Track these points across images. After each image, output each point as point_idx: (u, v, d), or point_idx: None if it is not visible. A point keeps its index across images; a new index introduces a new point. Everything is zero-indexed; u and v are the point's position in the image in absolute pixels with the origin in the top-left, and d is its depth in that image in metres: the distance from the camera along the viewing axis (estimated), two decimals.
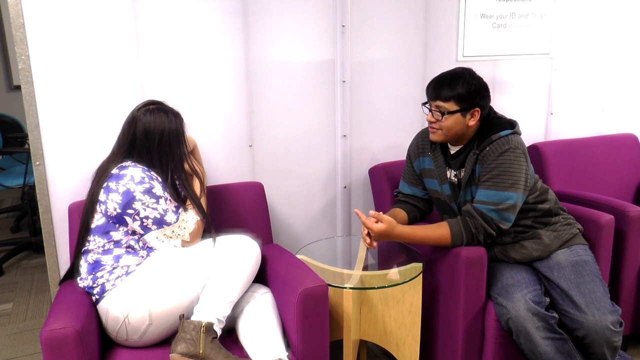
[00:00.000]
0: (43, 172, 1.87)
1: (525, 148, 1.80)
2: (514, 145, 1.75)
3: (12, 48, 5.00)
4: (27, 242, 3.60)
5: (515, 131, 1.80)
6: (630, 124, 2.90)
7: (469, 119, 1.79)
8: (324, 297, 1.59)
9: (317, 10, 2.17)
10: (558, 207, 1.94)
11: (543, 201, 1.89)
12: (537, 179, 1.93)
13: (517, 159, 1.74)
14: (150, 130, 1.64)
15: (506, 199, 1.73)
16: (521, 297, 1.70)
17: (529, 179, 1.80)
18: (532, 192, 1.86)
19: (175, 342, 1.48)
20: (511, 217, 1.77)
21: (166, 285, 1.56)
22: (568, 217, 1.95)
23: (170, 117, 1.68)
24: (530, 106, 2.67)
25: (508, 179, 1.73)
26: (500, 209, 1.74)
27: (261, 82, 2.14)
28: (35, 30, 1.78)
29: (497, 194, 1.74)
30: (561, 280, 1.76)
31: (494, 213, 1.74)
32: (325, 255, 2.06)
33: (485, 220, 1.75)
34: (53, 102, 1.85)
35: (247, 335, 1.60)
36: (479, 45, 2.49)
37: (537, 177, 1.93)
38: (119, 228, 1.61)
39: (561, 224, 1.90)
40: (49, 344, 1.37)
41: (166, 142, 1.66)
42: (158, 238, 1.62)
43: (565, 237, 1.88)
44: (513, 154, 1.74)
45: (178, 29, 1.97)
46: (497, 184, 1.74)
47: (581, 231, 1.95)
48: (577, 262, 1.81)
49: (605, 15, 2.73)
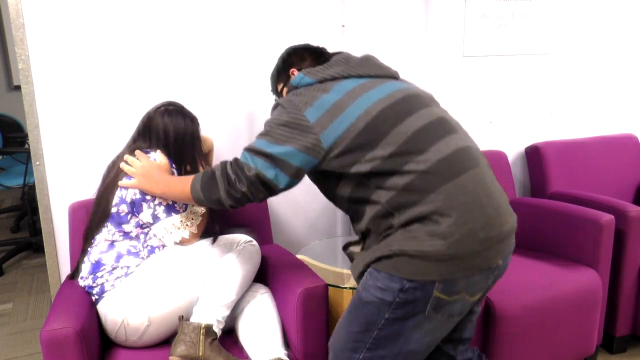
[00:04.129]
0: (43, 172, 1.87)
1: (299, 100, 1.33)
2: (282, 100, 1.37)
3: (12, 48, 5.00)
4: (27, 242, 3.60)
5: (298, 83, 1.38)
6: (630, 124, 2.90)
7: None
8: (324, 297, 1.59)
9: (317, 10, 2.17)
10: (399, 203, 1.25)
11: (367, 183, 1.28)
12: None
13: (274, 113, 1.37)
14: (168, 130, 1.65)
15: (253, 142, 1.37)
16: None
17: (286, 129, 1.31)
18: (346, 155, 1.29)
19: (175, 344, 1.48)
20: (258, 163, 1.32)
21: (165, 287, 1.56)
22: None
23: (187, 120, 1.69)
24: (530, 106, 2.67)
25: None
26: (248, 148, 1.36)
27: (261, 82, 2.14)
28: (35, 30, 1.79)
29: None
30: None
31: (244, 153, 1.37)
32: (325, 255, 2.06)
33: (231, 161, 1.38)
34: (53, 102, 1.85)
35: (246, 336, 1.60)
36: (479, 45, 2.49)
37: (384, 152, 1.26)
38: (130, 220, 1.61)
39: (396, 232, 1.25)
40: (48, 344, 1.37)
41: (181, 144, 1.67)
42: (166, 229, 1.61)
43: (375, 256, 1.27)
44: (274, 110, 1.38)
45: (179, 29, 1.97)
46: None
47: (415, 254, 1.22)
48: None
49: (605, 15, 2.73)
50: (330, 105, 1.30)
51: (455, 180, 1.23)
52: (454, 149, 1.27)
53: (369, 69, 1.39)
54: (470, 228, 1.20)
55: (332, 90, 1.32)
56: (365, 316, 1.29)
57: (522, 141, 2.67)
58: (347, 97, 1.31)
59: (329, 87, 1.33)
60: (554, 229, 2.21)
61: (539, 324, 1.89)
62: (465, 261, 1.21)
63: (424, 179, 1.22)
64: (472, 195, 1.23)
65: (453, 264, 1.20)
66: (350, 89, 1.32)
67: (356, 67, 1.38)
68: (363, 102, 1.29)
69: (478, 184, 1.25)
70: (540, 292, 1.91)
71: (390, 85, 1.35)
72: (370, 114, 1.28)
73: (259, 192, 1.34)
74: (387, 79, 1.39)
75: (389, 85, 1.35)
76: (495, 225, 1.24)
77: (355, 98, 1.30)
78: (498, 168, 2.48)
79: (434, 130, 1.28)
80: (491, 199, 1.25)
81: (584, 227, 2.05)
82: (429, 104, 1.35)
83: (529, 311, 1.87)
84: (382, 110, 1.28)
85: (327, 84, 1.34)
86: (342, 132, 1.27)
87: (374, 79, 1.36)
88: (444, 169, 1.23)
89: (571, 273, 2.02)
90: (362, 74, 1.36)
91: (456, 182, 1.23)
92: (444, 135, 1.28)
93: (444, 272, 1.20)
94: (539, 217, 2.28)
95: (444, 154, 1.25)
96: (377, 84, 1.35)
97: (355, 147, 1.27)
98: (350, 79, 1.36)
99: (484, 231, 1.21)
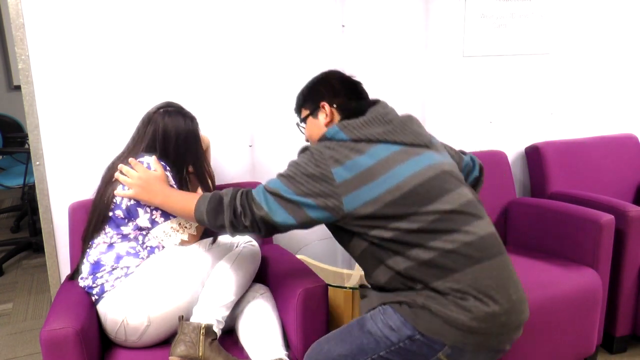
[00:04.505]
0: (43, 172, 1.87)
1: (330, 154, 1.31)
2: (314, 148, 1.35)
3: (12, 48, 5.00)
4: (27, 242, 3.60)
5: (333, 137, 1.36)
6: (630, 124, 2.90)
7: (323, 117, 1.47)
8: (324, 297, 1.59)
9: (317, 10, 2.17)
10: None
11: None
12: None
13: (301, 158, 1.36)
14: (168, 131, 1.65)
15: (272, 180, 1.38)
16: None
17: (309, 181, 1.30)
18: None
19: (175, 344, 1.48)
20: (271, 204, 1.32)
21: (164, 287, 1.56)
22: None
23: (187, 120, 1.69)
24: (530, 106, 2.67)
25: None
26: (266, 187, 1.35)
27: (261, 82, 2.14)
28: (35, 30, 1.78)
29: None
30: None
31: (258, 189, 1.37)
32: (325, 255, 2.06)
33: (243, 191, 1.38)
34: (53, 102, 1.85)
35: (246, 336, 1.60)
36: (479, 45, 2.49)
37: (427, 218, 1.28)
38: (128, 223, 1.61)
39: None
40: (48, 344, 1.37)
41: (182, 144, 1.67)
42: (165, 232, 1.62)
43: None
44: (302, 154, 1.37)
45: (178, 29, 1.97)
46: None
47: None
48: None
49: (605, 15, 2.73)
50: (362, 170, 1.28)
51: (482, 264, 1.25)
52: (482, 234, 1.29)
53: (406, 135, 1.36)
54: (495, 310, 1.22)
55: (366, 153, 1.30)
56: (360, 343, 1.29)
57: (522, 141, 2.67)
58: (380, 165, 1.29)
59: (364, 149, 1.31)
60: (554, 229, 2.20)
61: (539, 324, 1.89)
62: (481, 337, 1.23)
63: (450, 258, 1.24)
64: (499, 280, 1.26)
65: (469, 335, 1.22)
66: (384, 157, 1.30)
67: (394, 132, 1.35)
68: (395, 175, 1.28)
69: (504, 271, 1.28)
70: (540, 292, 1.91)
71: (424, 158, 1.34)
72: (401, 189, 1.27)
73: (261, 229, 1.35)
74: (422, 148, 1.36)
75: (423, 159, 1.33)
76: (516, 313, 1.27)
77: (388, 169, 1.29)
78: (498, 168, 2.48)
79: (463, 213, 1.29)
80: (517, 288, 1.29)
81: (584, 227, 2.05)
82: (459, 184, 1.35)
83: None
84: (414, 189, 1.28)
85: (362, 145, 1.32)
86: (368, 200, 1.27)
87: (409, 148, 1.34)
88: (471, 252, 1.25)
89: (571, 273, 2.02)
90: (398, 140, 1.34)
91: (483, 266, 1.25)
92: (471, 221, 1.29)
93: (457, 340, 1.22)
94: (539, 217, 2.28)
95: (472, 237, 1.27)
96: (411, 154, 1.33)
97: (379, 216, 1.27)
98: (386, 143, 1.33)
99: (506, 316, 1.24)
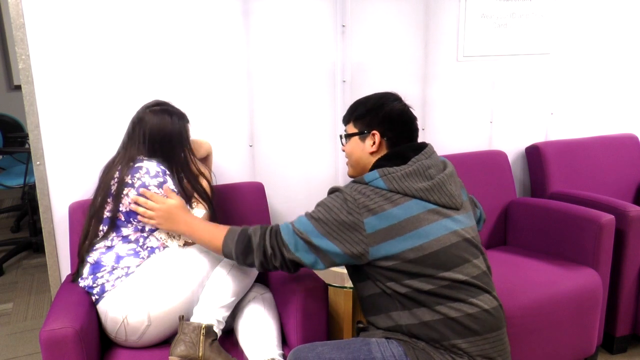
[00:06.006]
0: (43, 171, 1.87)
1: (364, 203, 1.34)
2: (347, 192, 1.37)
3: (12, 48, 5.00)
4: (27, 242, 3.60)
5: (370, 182, 1.38)
6: (630, 124, 2.90)
7: (370, 144, 1.48)
8: (324, 297, 1.59)
9: (317, 10, 2.17)
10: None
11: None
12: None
13: (333, 201, 1.38)
14: (153, 131, 1.64)
15: (302, 221, 1.42)
16: None
17: (340, 227, 1.34)
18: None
19: (175, 344, 1.48)
20: (300, 247, 1.38)
21: (165, 287, 1.56)
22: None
23: (174, 118, 1.67)
24: (530, 106, 2.67)
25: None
26: (295, 228, 1.40)
27: (261, 82, 2.14)
28: (35, 30, 1.78)
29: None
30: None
31: (288, 230, 1.41)
32: None
33: (272, 230, 1.43)
34: (53, 102, 1.85)
35: (244, 336, 1.60)
36: (479, 45, 2.49)
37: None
38: (128, 225, 1.61)
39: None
40: (48, 344, 1.37)
41: (168, 144, 1.66)
42: (169, 234, 1.62)
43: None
44: (335, 197, 1.40)
45: (178, 29, 1.97)
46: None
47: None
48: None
49: (605, 15, 2.73)
50: (392, 223, 1.34)
51: (484, 336, 1.35)
52: (487, 308, 1.36)
53: (442, 196, 1.39)
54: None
55: (400, 206, 1.35)
56: (357, 356, 1.34)
57: (522, 141, 2.67)
58: (410, 222, 1.34)
59: (399, 202, 1.35)
60: (554, 229, 2.20)
61: (539, 324, 1.89)
62: None
63: (450, 325, 1.33)
64: (495, 352, 1.36)
65: None
66: (415, 214, 1.35)
67: (431, 191, 1.38)
68: (421, 234, 1.34)
69: (502, 344, 1.39)
70: (540, 292, 1.91)
71: (452, 223, 1.39)
72: (424, 250, 1.34)
73: (290, 269, 1.43)
74: (453, 210, 1.41)
75: (451, 223, 1.39)
76: None
77: (417, 227, 1.34)
78: (498, 168, 2.48)
79: (473, 286, 1.36)
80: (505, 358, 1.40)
81: (584, 227, 2.05)
82: (477, 254, 1.42)
83: (529, 311, 1.87)
84: (435, 253, 1.34)
85: (398, 197, 1.36)
86: (390, 254, 1.34)
87: (441, 209, 1.38)
88: (472, 324, 1.34)
89: (571, 273, 2.01)
90: (432, 200, 1.38)
91: (485, 337, 1.35)
92: (479, 294, 1.37)
93: None
94: (539, 217, 2.28)
95: (476, 310, 1.34)
96: (442, 216, 1.38)
97: (398, 270, 1.34)
98: (420, 200, 1.37)
99: None
